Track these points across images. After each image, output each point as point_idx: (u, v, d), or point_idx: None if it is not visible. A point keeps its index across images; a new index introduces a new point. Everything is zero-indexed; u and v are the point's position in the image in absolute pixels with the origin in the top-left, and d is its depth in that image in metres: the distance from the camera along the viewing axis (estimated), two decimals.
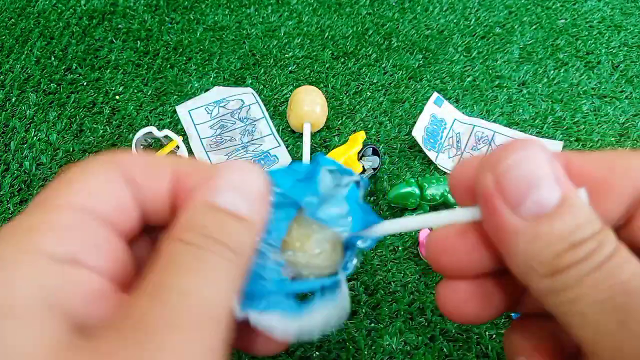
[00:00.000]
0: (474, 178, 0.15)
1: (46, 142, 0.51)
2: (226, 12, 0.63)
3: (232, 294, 0.14)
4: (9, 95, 0.54)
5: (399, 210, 0.46)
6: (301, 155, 0.49)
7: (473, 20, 0.64)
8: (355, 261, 0.19)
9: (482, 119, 0.54)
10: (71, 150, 0.50)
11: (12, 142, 0.50)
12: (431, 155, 0.49)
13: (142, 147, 0.47)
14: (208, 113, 0.53)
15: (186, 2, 0.64)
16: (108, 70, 0.57)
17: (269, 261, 0.17)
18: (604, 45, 0.61)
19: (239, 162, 0.16)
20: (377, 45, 0.60)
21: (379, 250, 0.43)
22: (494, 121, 0.53)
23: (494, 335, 0.38)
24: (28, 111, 0.53)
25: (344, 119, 0.53)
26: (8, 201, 0.46)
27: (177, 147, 0.48)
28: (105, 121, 0.52)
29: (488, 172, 0.14)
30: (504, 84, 0.57)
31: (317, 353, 0.37)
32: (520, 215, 0.14)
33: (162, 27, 0.61)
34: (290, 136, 0.52)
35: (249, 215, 0.15)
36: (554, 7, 0.66)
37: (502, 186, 0.14)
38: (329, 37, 0.61)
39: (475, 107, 0.55)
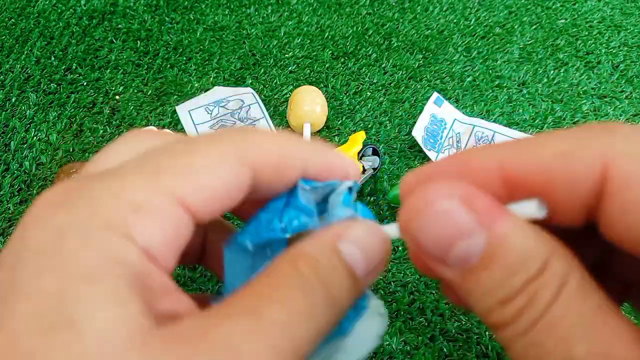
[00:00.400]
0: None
1: (46, 142, 0.51)
2: (226, 12, 0.63)
3: (312, 338, 0.13)
4: (9, 95, 0.54)
5: (399, 210, 0.46)
6: None
7: (473, 20, 0.64)
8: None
9: (482, 119, 0.54)
10: (71, 150, 0.50)
11: (12, 142, 0.50)
12: (431, 155, 0.49)
13: None
14: (208, 113, 0.53)
15: (186, 2, 0.64)
16: (108, 70, 0.57)
17: None
18: (604, 45, 0.61)
19: (380, 227, 0.16)
20: (377, 45, 0.60)
21: None
22: (494, 121, 0.53)
23: (494, 335, 0.38)
24: (28, 111, 0.53)
25: (344, 119, 0.53)
26: (8, 201, 0.46)
27: None
28: (105, 121, 0.52)
29: (406, 235, 0.14)
30: (504, 84, 0.57)
31: None
32: (451, 268, 0.13)
33: (162, 27, 0.61)
34: None
35: (361, 277, 0.15)
36: (554, 7, 0.66)
37: (422, 248, 0.13)
38: (329, 37, 0.61)
39: (475, 107, 0.55)
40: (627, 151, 0.11)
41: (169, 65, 0.57)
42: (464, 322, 0.39)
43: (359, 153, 0.48)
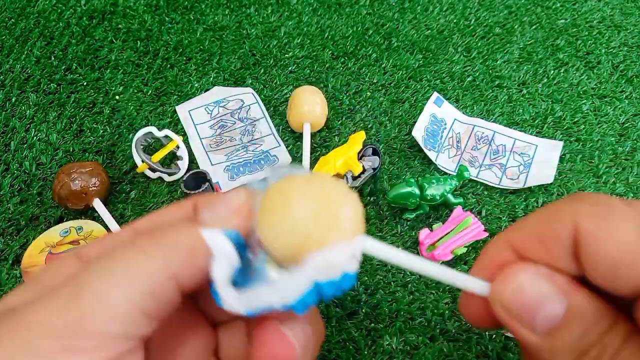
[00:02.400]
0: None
1: (46, 142, 0.51)
2: (226, 12, 0.63)
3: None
4: (9, 95, 0.54)
5: (399, 210, 0.46)
6: (301, 155, 0.49)
7: (473, 20, 0.64)
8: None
9: (482, 119, 0.54)
10: (71, 150, 0.50)
11: (12, 142, 0.50)
12: (431, 155, 0.49)
13: (142, 147, 0.47)
14: (208, 113, 0.53)
15: (186, 2, 0.64)
16: (108, 70, 0.57)
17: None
18: (604, 45, 0.61)
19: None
20: (377, 45, 0.60)
21: None
22: (494, 121, 0.53)
23: (494, 336, 0.38)
24: (28, 111, 0.53)
25: (344, 119, 0.53)
26: (8, 201, 0.46)
27: (177, 147, 0.48)
28: (105, 121, 0.52)
29: (497, 304, 0.16)
30: (504, 84, 0.57)
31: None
32: (536, 332, 0.15)
33: (162, 27, 0.61)
34: (290, 136, 0.52)
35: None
36: (554, 7, 0.66)
37: (512, 313, 0.16)
38: (329, 37, 0.61)
39: (475, 107, 0.55)
40: (591, 212, 0.15)
41: (169, 65, 0.57)
42: (464, 322, 0.39)
43: (359, 153, 0.48)
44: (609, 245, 0.14)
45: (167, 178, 0.48)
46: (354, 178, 0.47)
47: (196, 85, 0.56)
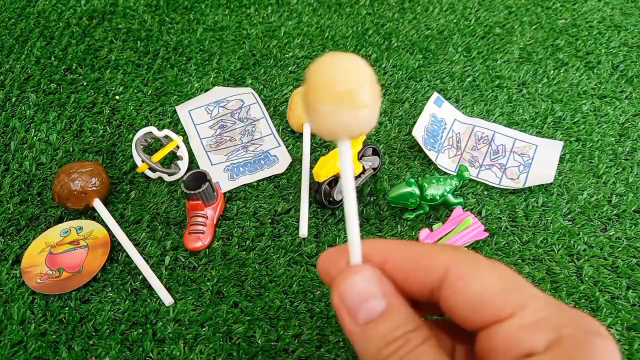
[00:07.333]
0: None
1: (46, 142, 0.51)
2: (226, 12, 0.63)
3: None
4: (9, 95, 0.54)
5: (399, 210, 0.46)
6: (301, 155, 0.49)
7: (473, 20, 0.64)
8: None
9: (482, 119, 0.54)
10: (71, 150, 0.50)
11: (12, 142, 0.50)
12: (431, 155, 0.49)
13: (142, 147, 0.47)
14: (208, 113, 0.53)
15: (186, 2, 0.64)
16: (108, 70, 0.57)
17: None
18: (604, 45, 0.61)
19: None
20: (377, 45, 0.60)
21: None
22: (494, 121, 0.53)
23: None
24: (28, 111, 0.53)
25: None
26: (8, 201, 0.46)
27: (177, 147, 0.48)
28: (105, 121, 0.52)
29: (334, 292, 0.19)
30: (504, 84, 0.57)
31: (317, 353, 0.37)
32: (357, 322, 0.19)
33: (162, 27, 0.61)
34: (290, 136, 0.52)
35: None
36: (554, 7, 0.66)
37: (343, 301, 0.19)
38: (329, 37, 0.61)
39: (475, 107, 0.55)
40: (463, 259, 0.19)
41: (169, 65, 0.57)
42: None
43: (359, 153, 0.48)
44: (474, 286, 0.18)
45: (167, 178, 0.48)
46: (354, 178, 0.47)
47: (196, 85, 0.56)
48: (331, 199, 0.45)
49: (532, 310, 0.17)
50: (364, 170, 0.47)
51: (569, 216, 0.46)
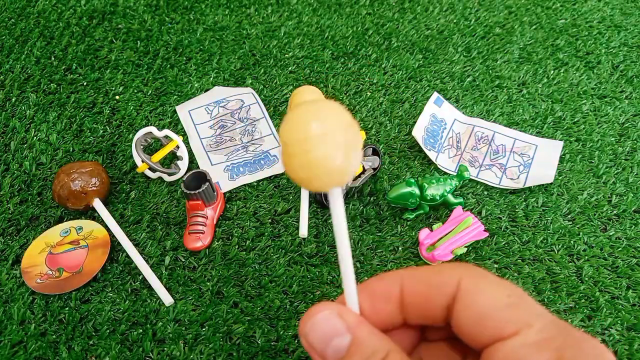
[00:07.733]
0: None
1: (46, 142, 0.51)
2: (226, 12, 0.63)
3: None
4: (9, 95, 0.54)
5: (399, 210, 0.46)
6: None
7: (473, 20, 0.64)
8: None
9: (482, 119, 0.54)
10: (71, 150, 0.50)
11: (12, 142, 0.50)
12: (431, 155, 0.49)
13: (142, 147, 0.47)
14: (208, 113, 0.53)
15: (186, 2, 0.64)
16: (108, 70, 0.57)
17: None
18: (604, 45, 0.61)
19: None
20: (377, 45, 0.60)
21: (379, 250, 0.43)
22: (494, 121, 0.53)
23: None
24: (28, 111, 0.53)
25: None
26: (8, 201, 0.46)
27: (177, 147, 0.48)
28: (105, 121, 0.52)
29: (302, 336, 0.19)
30: (504, 84, 0.57)
31: None
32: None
33: (162, 27, 0.61)
34: None
35: None
36: (554, 7, 0.66)
37: (310, 344, 0.19)
38: (329, 37, 0.61)
39: (475, 107, 0.55)
40: (473, 274, 0.18)
41: (169, 65, 0.57)
42: None
43: None
44: (482, 300, 0.18)
45: (167, 178, 0.48)
46: (354, 178, 0.47)
47: (196, 85, 0.56)
48: None
49: (537, 330, 0.17)
50: (364, 170, 0.47)
51: (569, 216, 0.46)
